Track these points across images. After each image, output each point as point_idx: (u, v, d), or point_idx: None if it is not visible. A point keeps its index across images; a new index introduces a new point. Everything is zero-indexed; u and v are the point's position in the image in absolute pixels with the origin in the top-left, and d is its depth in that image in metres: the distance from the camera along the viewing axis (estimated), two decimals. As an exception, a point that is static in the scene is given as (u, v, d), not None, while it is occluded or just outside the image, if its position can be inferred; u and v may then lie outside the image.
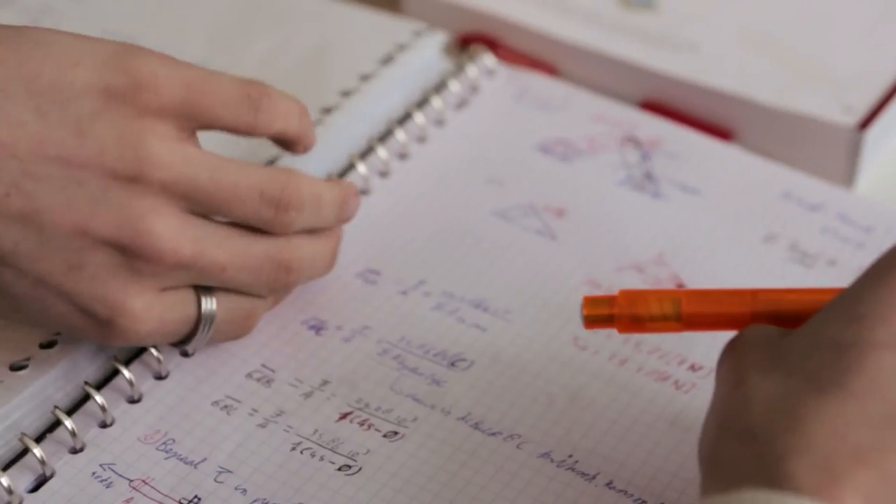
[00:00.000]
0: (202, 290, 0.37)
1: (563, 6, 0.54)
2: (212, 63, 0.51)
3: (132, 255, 0.35)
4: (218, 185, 0.36)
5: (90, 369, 0.39)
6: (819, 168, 0.48)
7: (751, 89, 0.49)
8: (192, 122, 0.37)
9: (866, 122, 0.48)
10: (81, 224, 0.34)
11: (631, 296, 0.35)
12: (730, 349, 0.33)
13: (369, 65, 0.50)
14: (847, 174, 0.48)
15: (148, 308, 0.36)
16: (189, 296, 0.37)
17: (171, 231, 0.35)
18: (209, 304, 0.37)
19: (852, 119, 0.48)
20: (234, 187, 0.36)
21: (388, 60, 0.50)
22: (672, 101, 0.51)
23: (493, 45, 0.53)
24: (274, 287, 0.39)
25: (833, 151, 0.48)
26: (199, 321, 0.37)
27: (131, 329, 0.36)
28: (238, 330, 0.39)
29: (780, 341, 0.32)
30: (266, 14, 0.53)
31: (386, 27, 0.52)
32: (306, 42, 0.52)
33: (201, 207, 0.36)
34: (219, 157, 0.37)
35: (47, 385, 0.38)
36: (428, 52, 0.51)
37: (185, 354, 0.40)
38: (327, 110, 0.48)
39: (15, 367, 0.38)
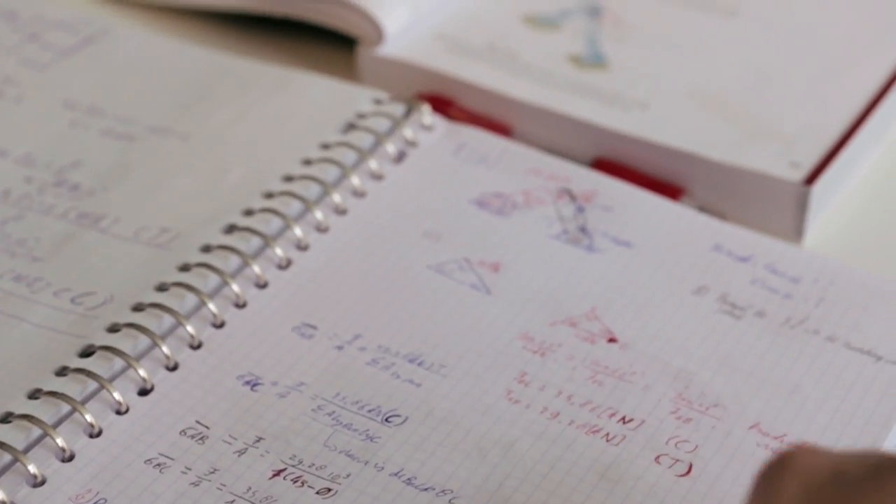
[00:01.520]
0: None
1: (516, 66, 0.55)
2: (173, 130, 0.52)
3: None
4: None
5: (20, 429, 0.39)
6: (768, 222, 0.49)
7: (700, 146, 0.50)
8: None
9: (813, 177, 0.49)
10: None
11: None
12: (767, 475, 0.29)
13: (329, 133, 0.50)
14: (795, 228, 0.49)
15: None
16: None
17: None
18: None
19: (799, 174, 0.49)
20: None
21: (348, 129, 0.50)
22: (624, 158, 0.51)
23: (448, 104, 0.54)
24: None
25: (781, 206, 0.49)
26: None
27: None
28: None
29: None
30: (228, 82, 0.54)
31: (346, 95, 0.52)
32: (267, 110, 0.52)
33: None
34: None
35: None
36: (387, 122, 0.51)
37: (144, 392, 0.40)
38: (289, 178, 0.48)
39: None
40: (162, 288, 0.44)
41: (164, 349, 0.42)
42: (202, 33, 0.60)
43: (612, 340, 0.44)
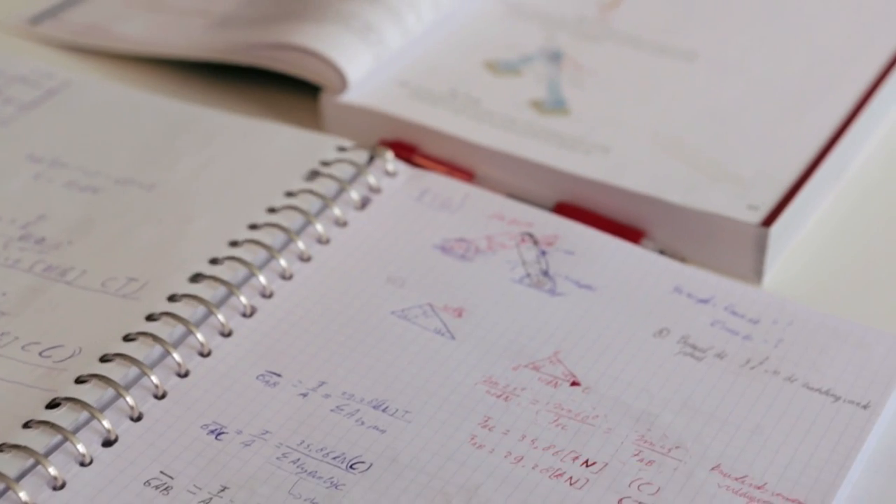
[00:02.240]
0: None
1: (478, 112, 0.55)
2: (137, 181, 0.52)
3: None
4: None
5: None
6: (728, 264, 0.50)
7: (660, 189, 0.51)
8: None
9: (771, 219, 0.50)
10: None
11: None
12: None
13: (294, 181, 0.51)
14: (755, 270, 0.50)
15: None
16: None
17: None
18: None
19: (757, 216, 0.50)
20: None
21: (312, 176, 0.51)
22: (586, 202, 0.52)
23: (411, 150, 0.55)
24: None
25: (740, 248, 0.50)
26: None
27: None
28: None
29: None
30: (192, 132, 0.54)
31: (311, 143, 0.53)
32: (232, 159, 0.53)
33: None
34: None
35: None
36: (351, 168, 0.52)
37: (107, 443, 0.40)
38: (254, 226, 0.48)
39: None
40: (129, 338, 0.44)
41: (128, 400, 0.42)
42: (165, 83, 0.60)
43: (574, 384, 0.44)
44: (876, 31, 0.61)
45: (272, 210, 0.50)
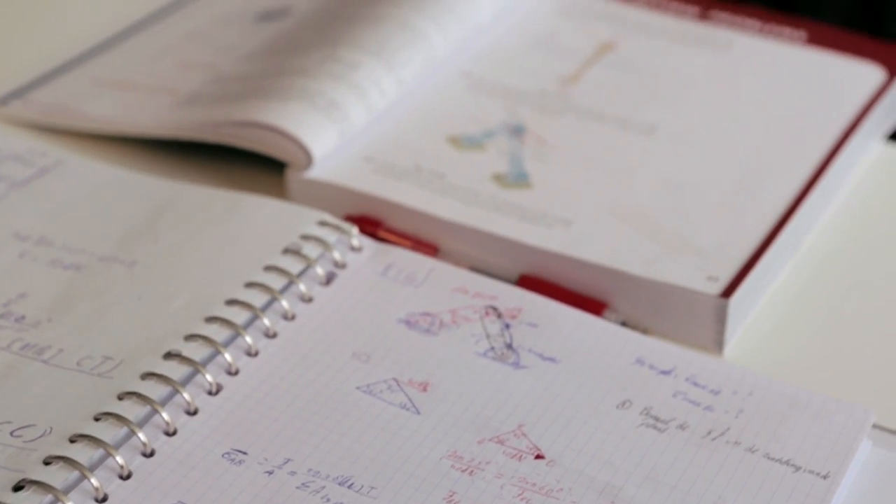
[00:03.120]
0: None
1: (443, 186, 0.56)
2: (120, 258, 0.52)
3: None
4: None
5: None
6: (689, 335, 0.51)
7: (621, 262, 0.52)
8: None
9: (730, 290, 0.51)
10: None
11: None
12: None
13: (274, 256, 0.51)
14: (715, 340, 0.51)
15: None
16: None
17: None
18: None
19: (716, 287, 0.51)
20: None
21: (289, 251, 0.51)
22: (548, 274, 0.53)
23: (376, 225, 0.55)
24: None
25: (701, 319, 0.51)
26: None
27: None
28: None
29: None
30: (179, 208, 0.54)
31: (292, 217, 0.53)
32: (215, 234, 0.53)
33: None
34: None
35: None
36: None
37: None
38: (232, 302, 0.49)
39: None
40: (98, 418, 0.44)
41: (93, 482, 0.42)
42: (132, 160, 0.60)
43: (539, 457, 0.45)
44: (831, 104, 0.62)
45: (250, 285, 0.50)
